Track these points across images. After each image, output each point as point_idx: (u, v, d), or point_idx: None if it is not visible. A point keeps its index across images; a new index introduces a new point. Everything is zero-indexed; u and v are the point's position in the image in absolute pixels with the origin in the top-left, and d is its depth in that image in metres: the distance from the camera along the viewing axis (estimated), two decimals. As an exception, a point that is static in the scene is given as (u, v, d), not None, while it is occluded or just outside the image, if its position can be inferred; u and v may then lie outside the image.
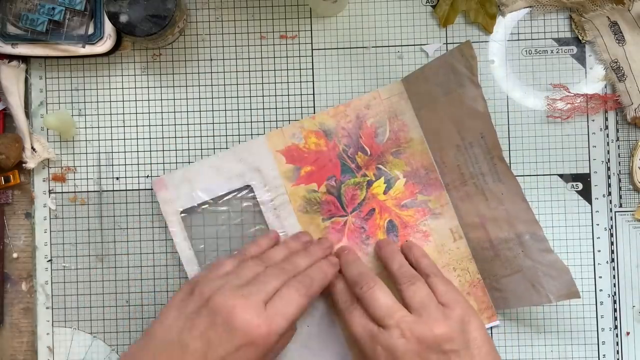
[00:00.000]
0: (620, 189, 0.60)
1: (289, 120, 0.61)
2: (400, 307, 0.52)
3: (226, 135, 0.61)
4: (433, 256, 0.59)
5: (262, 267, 0.54)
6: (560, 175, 0.60)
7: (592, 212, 0.60)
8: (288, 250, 0.57)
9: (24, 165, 0.60)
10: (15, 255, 0.61)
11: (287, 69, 0.61)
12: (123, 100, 0.61)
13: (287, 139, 0.60)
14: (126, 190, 0.61)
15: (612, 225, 0.60)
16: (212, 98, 0.61)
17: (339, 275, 0.57)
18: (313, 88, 0.61)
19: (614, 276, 0.60)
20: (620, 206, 0.60)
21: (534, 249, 0.55)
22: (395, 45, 0.60)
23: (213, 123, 0.61)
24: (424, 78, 0.58)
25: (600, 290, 0.59)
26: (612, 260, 0.60)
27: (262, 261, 0.55)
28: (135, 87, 0.61)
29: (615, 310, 0.59)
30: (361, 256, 0.59)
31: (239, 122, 0.61)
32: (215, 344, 0.49)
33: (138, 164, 0.61)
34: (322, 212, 0.60)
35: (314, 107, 0.61)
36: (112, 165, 0.61)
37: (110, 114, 0.61)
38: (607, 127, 0.60)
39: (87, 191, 0.61)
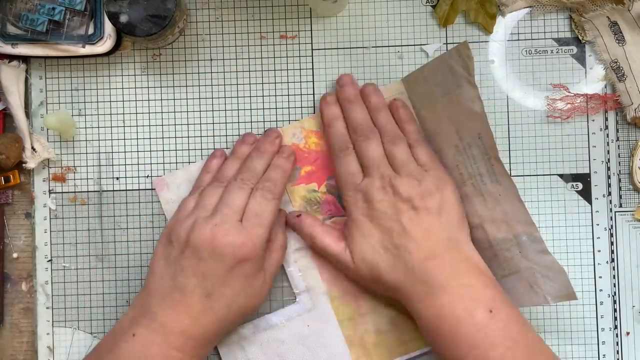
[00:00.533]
0: (620, 189, 0.60)
1: (289, 120, 0.61)
2: (386, 162, 0.55)
3: (226, 135, 0.61)
4: None
5: (221, 188, 0.55)
6: (560, 175, 0.60)
7: (592, 212, 0.60)
8: (239, 159, 0.57)
9: (24, 165, 0.60)
10: (15, 255, 0.61)
11: (287, 69, 0.61)
12: (123, 100, 0.61)
13: (287, 139, 0.60)
14: (126, 190, 0.61)
15: (612, 225, 0.60)
16: (212, 98, 0.61)
17: (340, 117, 0.57)
18: (313, 88, 0.61)
19: (614, 276, 0.60)
20: (620, 206, 0.60)
21: (531, 250, 0.55)
22: (395, 45, 0.60)
23: (213, 123, 0.61)
24: (423, 78, 0.58)
25: (600, 290, 0.60)
26: (612, 260, 0.60)
27: (219, 182, 0.56)
28: (135, 87, 0.61)
29: (615, 310, 0.59)
30: None
31: (239, 122, 0.61)
32: (209, 274, 0.51)
33: (138, 164, 0.61)
34: (323, 211, 0.60)
35: (314, 107, 0.61)
36: (112, 165, 0.61)
37: (110, 114, 0.61)
38: (607, 127, 0.60)
39: (87, 191, 0.61)
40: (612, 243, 0.60)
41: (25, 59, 0.61)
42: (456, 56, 0.55)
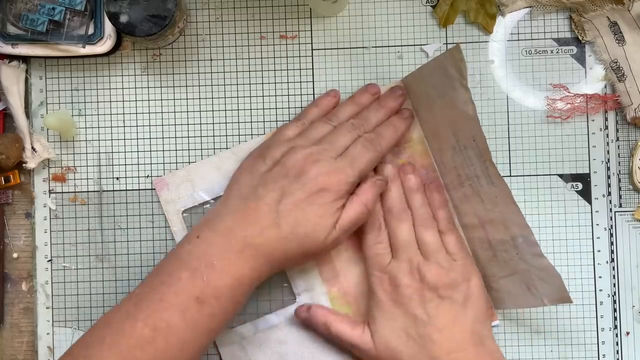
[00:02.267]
0: (620, 189, 0.60)
1: (289, 121, 0.61)
2: (416, 247, 0.55)
3: (226, 135, 0.61)
4: None
5: (330, 126, 0.56)
6: (560, 175, 0.60)
7: (591, 212, 0.60)
8: (357, 106, 0.57)
9: (24, 165, 0.60)
10: (15, 255, 0.61)
11: (287, 69, 0.61)
12: (123, 100, 0.61)
13: (287, 139, 0.60)
14: (126, 190, 0.61)
15: (611, 225, 0.60)
16: (212, 98, 0.61)
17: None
18: (313, 88, 0.61)
19: (614, 276, 0.60)
20: (620, 206, 0.60)
21: (526, 253, 0.55)
22: (395, 45, 0.60)
23: (213, 123, 0.61)
24: (421, 79, 0.58)
25: (600, 290, 0.60)
26: (612, 260, 0.60)
27: (329, 120, 0.56)
28: (135, 87, 0.61)
29: (615, 310, 0.59)
30: (361, 257, 0.59)
31: (239, 122, 0.61)
32: (288, 192, 0.52)
33: (138, 164, 0.61)
34: None
35: (314, 107, 0.61)
36: (112, 165, 0.61)
37: (110, 114, 0.61)
38: (607, 127, 0.60)
39: (87, 191, 0.61)
40: (612, 243, 0.60)
41: (25, 59, 0.61)
42: (450, 59, 0.55)
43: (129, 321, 0.50)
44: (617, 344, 0.59)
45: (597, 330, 0.59)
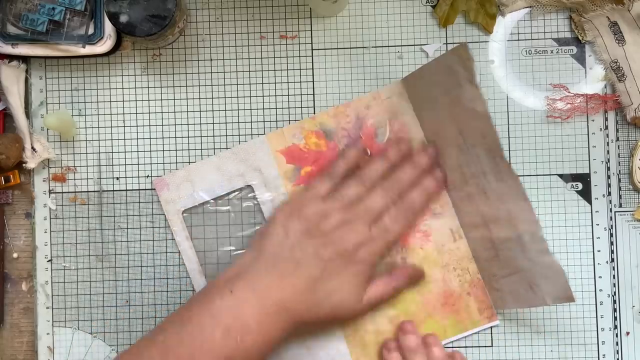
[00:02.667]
0: (620, 189, 0.60)
1: (289, 121, 0.61)
2: None
3: (226, 135, 0.61)
4: (433, 256, 0.59)
5: (363, 187, 0.55)
6: (560, 175, 0.60)
7: (592, 212, 0.60)
8: (388, 163, 0.57)
9: (24, 165, 0.60)
10: (15, 255, 0.61)
11: (287, 69, 0.61)
12: (123, 100, 0.61)
13: (287, 139, 0.60)
14: (126, 190, 0.61)
15: (612, 225, 0.60)
16: (212, 98, 0.61)
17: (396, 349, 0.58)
18: (313, 88, 0.61)
19: (614, 276, 0.60)
20: (620, 206, 0.60)
21: (532, 250, 0.55)
22: (395, 45, 0.60)
23: (213, 123, 0.61)
24: (422, 79, 0.58)
25: (600, 290, 0.60)
26: (612, 260, 0.60)
27: (361, 179, 0.56)
28: (135, 87, 0.61)
29: (615, 310, 0.59)
30: None
31: (239, 122, 0.61)
32: (327, 259, 0.53)
33: (138, 164, 0.61)
34: None
35: (314, 107, 0.61)
36: (112, 165, 0.61)
37: (110, 114, 0.61)
38: (607, 127, 0.60)
39: (87, 191, 0.61)
40: (612, 243, 0.60)
41: (25, 59, 0.61)
42: (455, 57, 0.55)
43: None
44: (617, 344, 0.59)
45: (597, 330, 0.59)
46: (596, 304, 0.59)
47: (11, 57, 0.60)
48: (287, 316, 0.52)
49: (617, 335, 0.59)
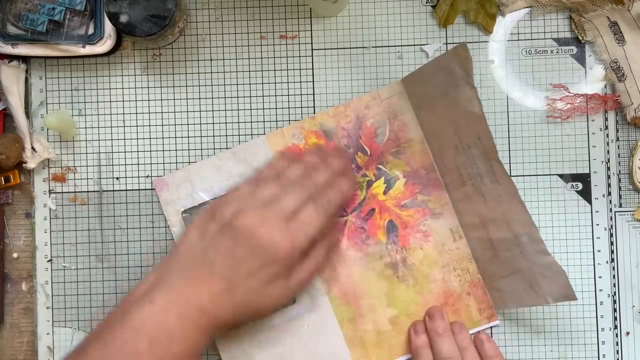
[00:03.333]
0: (620, 189, 0.60)
1: (289, 121, 0.61)
2: None
3: (226, 135, 0.61)
4: (433, 256, 0.59)
5: (279, 186, 0.54)
6: (560, 175, 0.60)
7: (592, 212, 0.60)
8: (305, 167, 0.56)
9: (24, 165, 0.60)
10: (15, 255, 0.61)
11: (287, 69, 0.61)
12: (123, 100, 0.61)
13: (287, 139, 0.60)
14: (126, 190, 0.61)
15: (612, 225, 0.60)
16: (212, 98, 0.61)
17: (427, 346, 0.58)
18: (313, 88, 0.61)
19: (614, 276, 0.60)
20: (620, 206, 0.60)
21: (531, 251, 0.55)
22: (395, 45, 0.60)
23: (213, 123, 0.61)
24: (421, 79, 0.58)
25: (600, 290, 0.60)
26: (612, 260, 0.60)
27: (279, 180, 0.55)
28: (135, 87, 0.61)
29: (615, 310, 0.59)
30: (361, 257, 0.59)
31: (239, 122, 0.61)
32: (241, 259, 0.51)
33: (138, 164, 0.61)
34: None
35: (314, 107, 0.61)
36: (112, 165, 0.61)
37: (110, 114, 0.61)
38: (607, 127, 0.60)
39: (87, 191, 0.61)
40: (612, 243, 0.60)
41: (25, 59, 0.61)
42: (454, 57, 0.55)
43: None
44: (617, 344, 0.59)
45: (597, 330, 0.59)
46: (596, 304, 0.59)
47: (11, 57, 0.60)
48: (208, 320, 0.51)
49: (617, 335, 0.59)
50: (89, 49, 0.58)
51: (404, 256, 0.59)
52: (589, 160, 0.60)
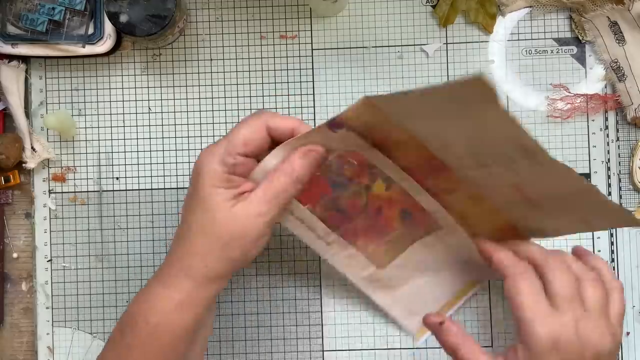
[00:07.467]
0: (620, 189, 0.60)
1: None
2: (579, 299, 0.50)
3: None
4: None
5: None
6: (560, 175, 0.60)
7: (592, 212, 0.60)
8: None
9: (24, 165, 0.60)
10: (15, 255, 0.61)
11: (287, 69, 0.61)
12: (123, 100, 0.61)
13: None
14: (126, 190, 0.61)
15: (612, 225, 0.60)
16: (212, 98, 0.61)
17: (525, 244, 0.53)
18: (313, 88, 0.61)
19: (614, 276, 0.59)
20: (621, 206, 0.60)
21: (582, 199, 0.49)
22: (395, 45, 0.60)
23: (213, 123, 0.61)
24: (427, 103, 0.44)
25: (600, 290, 0.59)
26: (612, 260, 0.60)
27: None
28: (135, 87, 0.61)
29: (615, 310, 0.59)
30: (387, 240, 0.56)
31: (239, 122, 0.61)
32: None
33: (138, 164, 0.61)
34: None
35: (314, 107, 0.61)
36: (112, 165, 0.61)
37: (110, 114, 0.61)
38: (607, 127, 0.60)
39: (87, 191, 0.61)
40: (612, 243, 0.60)
41: (25, 59, 0.61)
42: (471, 88, 0.40)
43: None
44: (617, 344, 0.59)
45: (597, 331, 0.59)
46: (596, 304, 0.59)
47: (11, 57, 0.60)
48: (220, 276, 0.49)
49: (617, 336, 0.59)
50: (88, 49, 0.58)
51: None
52: (589, 160, 0.60)
